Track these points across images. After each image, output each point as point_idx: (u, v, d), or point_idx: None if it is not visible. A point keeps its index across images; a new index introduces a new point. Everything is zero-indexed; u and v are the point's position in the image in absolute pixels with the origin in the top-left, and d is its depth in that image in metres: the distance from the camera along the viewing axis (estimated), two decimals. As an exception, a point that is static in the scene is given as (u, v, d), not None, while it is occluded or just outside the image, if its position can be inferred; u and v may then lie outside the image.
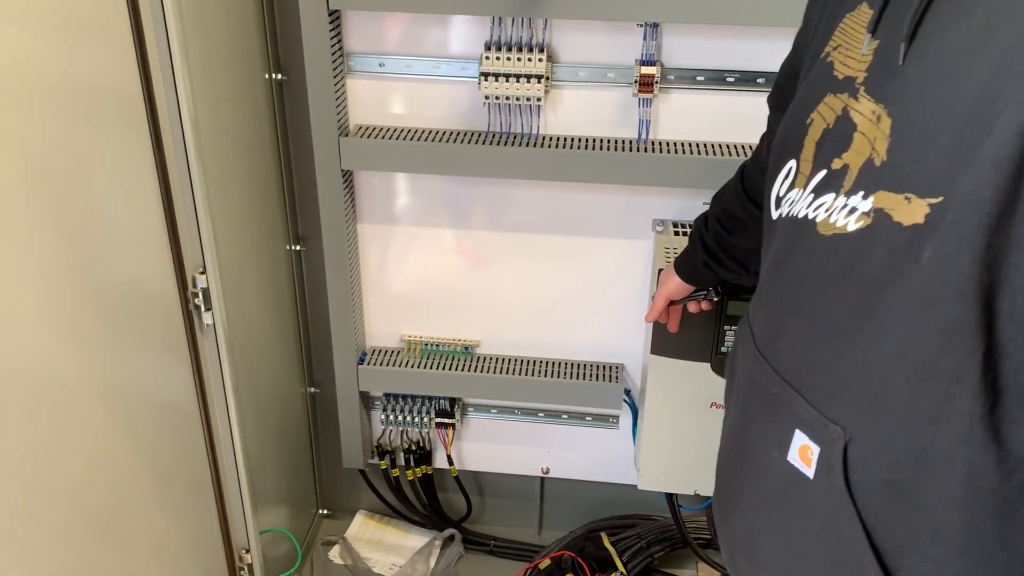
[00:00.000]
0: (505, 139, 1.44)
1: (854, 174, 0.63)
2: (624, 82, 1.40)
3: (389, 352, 1.69)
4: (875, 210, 0.60)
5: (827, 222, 0.65)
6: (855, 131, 0.63)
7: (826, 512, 0.66)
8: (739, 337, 0.83)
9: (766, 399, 0.73)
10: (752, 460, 0.76)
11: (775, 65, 1.36)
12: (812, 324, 0.67)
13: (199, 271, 1.22)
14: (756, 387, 0.75)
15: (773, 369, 0.71)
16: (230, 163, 1.35)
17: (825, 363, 0.65)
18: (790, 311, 0.70)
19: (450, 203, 1.56)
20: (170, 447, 1.26)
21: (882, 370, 0.60)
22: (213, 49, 1.26)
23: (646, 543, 1.75)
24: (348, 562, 1.84)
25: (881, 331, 0.60)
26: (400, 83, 1.46)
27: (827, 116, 0.68)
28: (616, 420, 1.72)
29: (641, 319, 1.60)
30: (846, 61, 0.67)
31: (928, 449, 0.58)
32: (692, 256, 1.15)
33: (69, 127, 0.96)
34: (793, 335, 0.70)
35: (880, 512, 0.62)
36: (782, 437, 0.69)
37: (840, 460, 0.63)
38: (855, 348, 0.62)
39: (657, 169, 1.40)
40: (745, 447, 0.78)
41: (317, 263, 1.63)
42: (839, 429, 0.63)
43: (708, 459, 1.52)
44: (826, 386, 0.65)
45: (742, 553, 0.80)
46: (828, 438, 0.64)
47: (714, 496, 0.89)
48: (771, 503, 0.73)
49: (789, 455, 0.69)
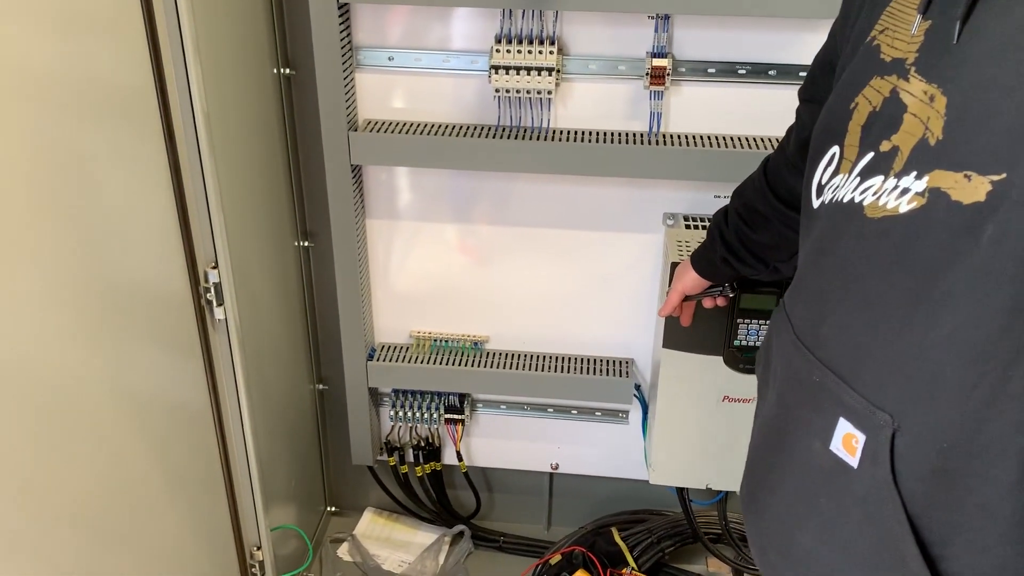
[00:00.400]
0: (515, 133, 1.44)
1: (905, 155, 0.62)
2: (635, 75, 1.40)
3: (398, 348, 1.69)
4: (930, 190, 0.59)
5: (876, 204, 0.63)
6: (905, 112, 0.62)
7: (869, 503, 0.65)
8: (774, 327, 0.82)
9: (807, 388, 0.71)
10: (790, 450, 0.75)
11: (787, 57, 1.37)
12: (860, 310, 0.65)
13: (211, 266, 1.21)
14: (795, 376, 0.74)
15: (815, 357, 0.70)
16: (239, 159, 1.34)
17: (874, 349, 0.64)
18: (835, 298, 0.69)
19: (459, 198, 1.55)
20: (182, 444, 1.25)
21: (936, 354, 0.59)
22: (223, 45, 1.26)
23: (657, 538, 1.74)
24: (357, 559, 1.83)
25: (936, 314, 0.59)
26: (409, 77, 1.45)
27: (873, 99, 0.67)
28: (626, 415, 1.72)
29: (652, 314, 1.60)
30: (894, 43, 0.66)
31: (982, 433, 0.57)
32: (710, 251, 1.14)
33: (81, 123, 0.95)
34: (838, 322, 0.68)
35: (925, 501, 0.62)
36: (824, 426, 0.68)
37: (887, 449, 0.62)
38: (908, 333, 0.61)
39: (668, 162, 1.39)
40: (783, 438, 0.77)
41: (326, 259, 1.62)
42: (887, 417, 0.62)
43: (720, 453, 1.53)
44: (874, 373, 0.64)
45: (776, 548, 0.79)
46: (875, 426, 0.63)
47: (744, 489, 0.88)
48: (810, 494, 0.72)
49: (832, 444, 0.68)
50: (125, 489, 1.10)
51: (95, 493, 1.03)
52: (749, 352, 1.42)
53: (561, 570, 1.67)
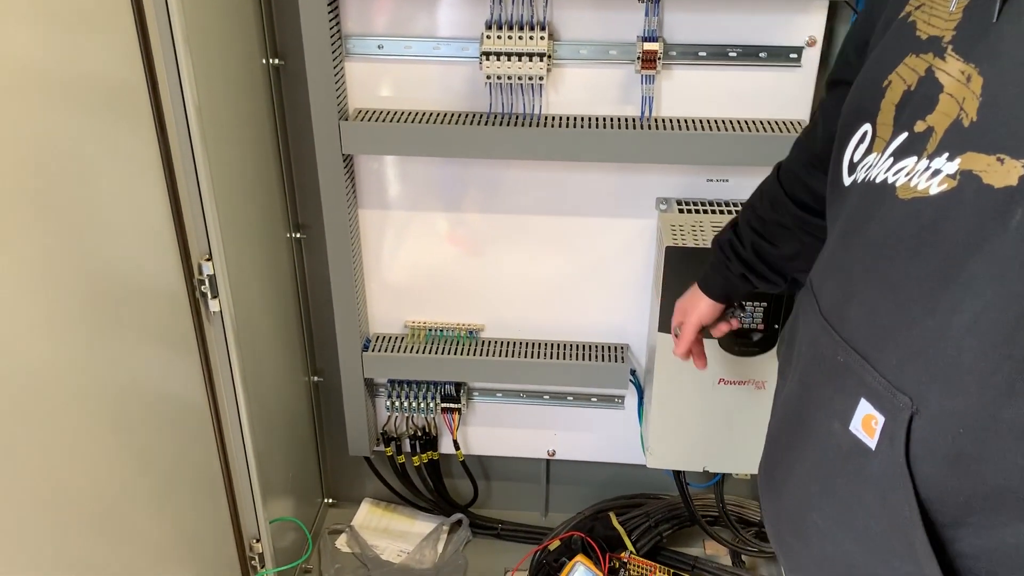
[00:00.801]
0: (507, 120, 1.43)
1: (939, 136, 0.61)
2: (626, 59, 1.40)
3: (393, 338, 1.68)
4: (962, 172, 0.58)
5: (907, 186, 0.63)
6: (941, 92, 0.61)
7: (883, 485, 0.65)
8: (800, 306, 0.81)
9: (830, 367, 0.71)
10: (810, 430, 0.74)
11: (777, 39, 1.37)
12: (887, 291, 0.65)
13: (205, 258, 1.21)
14: (820, 355, 0.73)
15: (840, 337, 0.69)
16: (230, 151, 1.33)
17: (898, 330, 0.63)
18: (863, 278, 0.68)
19: (451, 187, 1.55)
20: (179, 438, 1.24)
21: (958, 338, 0.58)
22: (212, 36, 1.25)
23: (654, 522, 1.75)
24: (356, 550, 1.83)
25: (960, 298, 0.58)
26: (399, 65, 1.45)
27: (908, 77, 0.66)
28: (622, 400, 1.73)
29: (646, 299, 1.60)
30: (931, 21, 0.65)
31: (999, 420, 0.57)
32: (724, 271, 1.08)
33: (72, 117, 0.94)
34: (865, 302, 0.68)
35: (939, 485, 0.61)
36: (846, 406, 0.68)
37: (904, 431, 0.62)
38: (931, 315, 0.60)
39: (661, 146, 1.39)
40: (803, 417, 0.76)
41: (318, 250, 1.62)
42: (907, 399, 0.62)
43: (716, 436, 1.54)
44: (897, 354, 0.63)
45: (790, 527, 0.78)
46: (895, 408, 0.63)
47: (761, 469, 0.87)
48: (827, 474, 0.72)
49: (852, 425, 0.67)
50: (123, 484, 1.09)
51: (92, 489, 1.03)
52: (744, 334, 1.42)
53: (560, 555, 1.68)
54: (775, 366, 1.44)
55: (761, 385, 1.47)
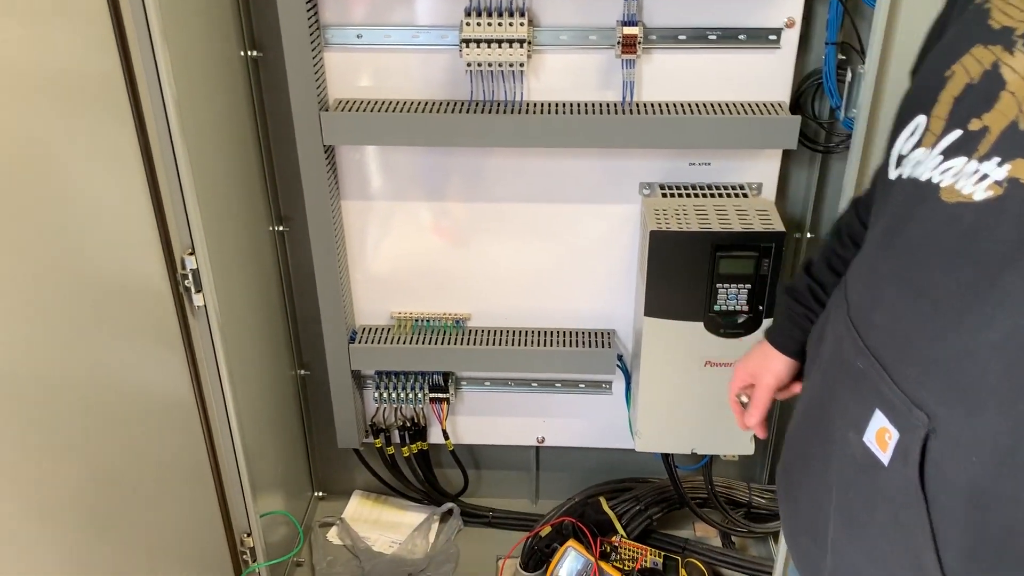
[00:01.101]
0: (489, 107, 1.43)
1: (993, 137, 0.57)
2: (606, 44, 1.39)
3: (379, 330, 1.68)
4: (1010, 180, 0.55)
5: (952, 188, 0.59)
6: (1003, 89, 0.58)
7: (895, 503, 0.62)
8: (834, 301, 0.78)
9: (850, 373, 0.68)
10: (827, 435, 0.72)
11: (756, 20, 1.37)
12: (916, 298, 0.61)
13: (188, 252, 1.20)
14: (842, 358, 0.70)
15: (863, 342, 0.66)
16: (210, 144, 1.32)
17: (922, 342, 0.60)
18: (894, 282, 0.64)
19: (434, 176, 1.55)
20: (167, 434, 1.24)
21: (984, 357, 0.55)
22: (189, 28, 1.23)
23: (644, 505, 1.77)
24: (347, 542, 1.83)
25: (991, 314, 0.55)
26: (379, 54, 1.44)
27: (972, 69, 0.61)
28: (609, 386, 1.73)
29: (631, 284, 1.61)
30: (1007, 9, 0.60)
31: (1018, 452, 0.54)
32: (803, 322, 0.93)
33: (48, 113, 0.93)
34: (892, 308, 0.64)
35: (951, 515, 0.59)
36: (861, 415, 0.65)
37: (918, 450, 0.59)
38: (959, 330, 0.57)
39: (643, 131, 1.40)
40: (822, 421, 0.73)
41: (302, 243, 1.61)
42: (923, 416, 0.59)
43: (704, 418, 1.55)
44: (918, 368, 0.60)
45: (806, 532, 0.76)
46: (910, 424, 0.60)
47: (780, 468, 0.84)
48: (841, 483, 0.69)
49: (865, 436, 0.64)
50: (112, 482, 1.09)
51: (81, 487, 1.02)
52: (729, 316, 1.43)
53: (552, 541, 1.68)
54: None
55: (747, 366, 1.48)
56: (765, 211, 1.43)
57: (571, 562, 1.64)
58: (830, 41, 1.36)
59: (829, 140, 1.50)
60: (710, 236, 1.38)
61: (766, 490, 1.80)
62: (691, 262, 1.40)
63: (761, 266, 1.39)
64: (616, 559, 1.66)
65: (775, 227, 1.39)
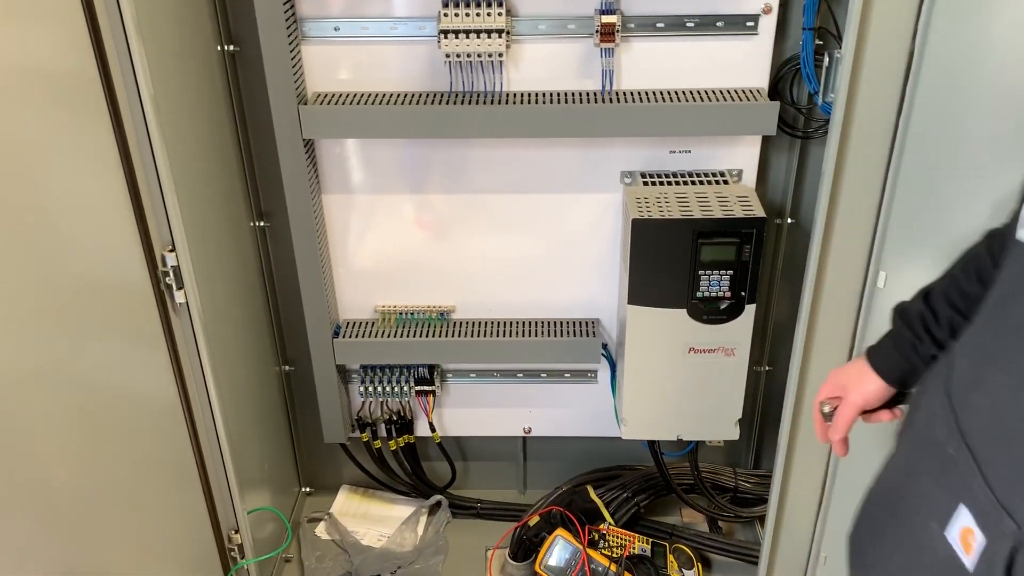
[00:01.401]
0: (468, 98, 1.42)
1: None
2: (585, 33, 1.39)
3: (363, 324, 1.68)
4: None
5: None
6: None
7: None
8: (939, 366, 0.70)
9: (939, 457, 0.61)
10: (907, 519, 0.66)
11: (733, 7, 1.38)
12: (1019, 387, 0.55)
13: (168, 249, 1.19)
14: (932, 438, 0.63)
15: (957, 423, 0.60)
16: (188, 140, 1.31)
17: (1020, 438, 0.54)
18: (999, 362, 0.58)
19: (415, 169, 1.54)
20: (152, 433, 1.23)
21: None
22: (164, 24, 1.22)
23: (631, 492, 1.78)
24: (336, 537, 1.83)
25: None
26: (357, 47, 1.43)
27: None
28: (594, 375, 1.74)
29: (614, 273, 1.61)
30: None
31: None
32: (909, 351, 0.86)
33: (23, 111, 0.92)
34: (993, 392, 0.57)
35: None
36: (946, 508, 0.59)
37: (1004, 561, 0.53)
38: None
39: (623, 120, 1.40)
40: (903, 500, 0.68)
41: (283, 238, 1.60)
42: (1012, 524, 0.53)
43: (689, 404, 1.56)
44: (1013, 467, 0.54)
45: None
46: (997, 531, 0.54)
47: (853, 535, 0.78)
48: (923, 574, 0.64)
49: (948, 531, 0.59)
50: (97, 481, 1.08)
51: (65, 487, 1.01)
52: (712, 303, 1.44)
53: (540, 531, 1.69)
54: (744, 333, 1.47)
55: (730, 352, 1.49)
56: (746, 197, 1.43)
57: (560, 551, 1.64)
58: (807, 26, 1.37)
59: (808, 125, 1.51)
60: (691, 223, 1.38)
61: (752, 475, 1.81)
62: (673, 249, 1.40)
63: (743, 252, 1.40)
64: (604, 546, 1.66)
65: (756, 213, 1.39)
